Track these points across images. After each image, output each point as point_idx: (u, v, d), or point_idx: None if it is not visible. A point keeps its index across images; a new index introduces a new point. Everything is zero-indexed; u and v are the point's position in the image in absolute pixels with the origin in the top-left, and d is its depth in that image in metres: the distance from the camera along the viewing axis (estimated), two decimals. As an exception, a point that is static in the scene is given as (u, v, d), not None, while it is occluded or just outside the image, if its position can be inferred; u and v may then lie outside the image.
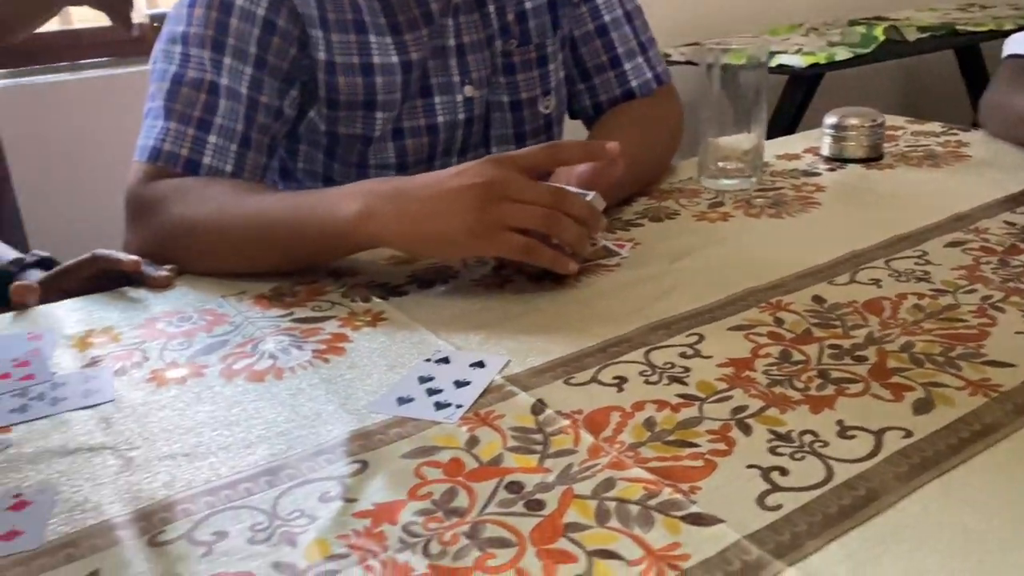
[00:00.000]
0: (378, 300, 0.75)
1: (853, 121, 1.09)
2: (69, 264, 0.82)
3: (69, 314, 0.75)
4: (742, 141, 1.00)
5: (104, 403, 0.60)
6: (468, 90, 0.98)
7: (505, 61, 0.99)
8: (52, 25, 1.94)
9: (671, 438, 0.53)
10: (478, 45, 0.98)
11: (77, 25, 1.88)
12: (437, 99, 0.96)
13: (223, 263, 0.81)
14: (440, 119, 0.97)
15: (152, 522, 0.48)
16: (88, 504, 0.49)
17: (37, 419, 0.59)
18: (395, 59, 0.92)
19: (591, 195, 0.75)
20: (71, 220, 1.58)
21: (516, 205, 0.70)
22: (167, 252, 0.82)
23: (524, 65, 1.01)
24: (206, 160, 0.85)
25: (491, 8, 0.98)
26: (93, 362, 0.66)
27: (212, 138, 0.85)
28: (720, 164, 1.01)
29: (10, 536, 0.47)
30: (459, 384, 0.60)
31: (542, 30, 1.01)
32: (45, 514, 0.49)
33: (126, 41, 1.62)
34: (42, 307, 0.77)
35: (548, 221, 0.71)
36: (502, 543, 0.45)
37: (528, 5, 1.00)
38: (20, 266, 0.89)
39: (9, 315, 0.76)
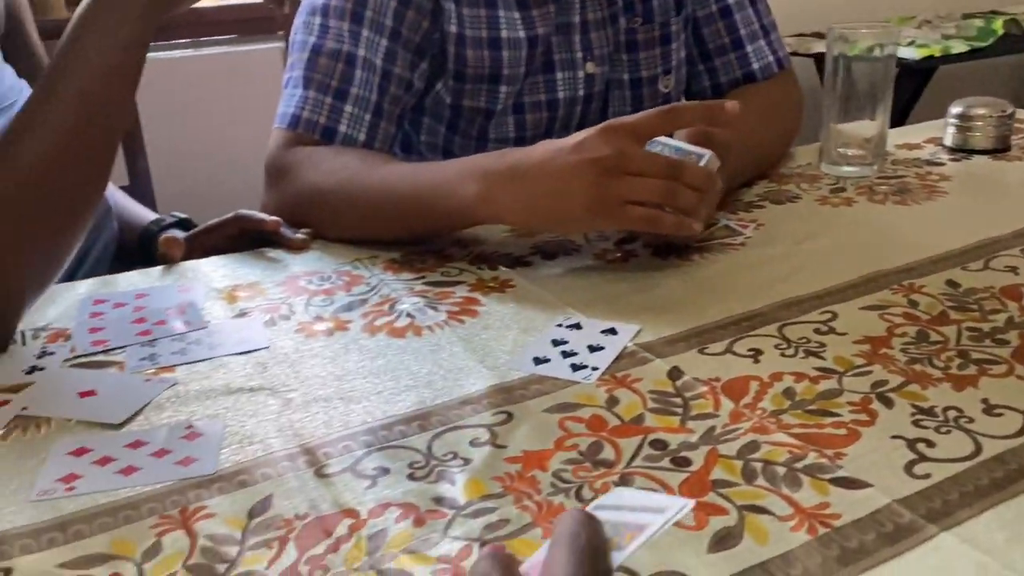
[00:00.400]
0: (504, 269, 0.77)
1: (980, 111, 1.06)
2: (213, 222, 0.87)
3: (215, 270, 0.79)
4: (865, 128, 0.99)
5: (258, 350, 0.64)
6: (590, 67, 0.99)
7: (628, 38, 1.00)
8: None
9: (812, 407, 0.53)
10: (602, 22, 0.99)
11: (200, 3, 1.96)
12: (559, 75, 0.98)
13: (350, 230, 0.84)
14: (561, 95, 0.99)
15: (316, 456, 0.51)
16: (255, 438, 0.53)
17: (197, 361, 0.63)
18: (522, 34, 0.94)
19: (706, 156, 0.75)
20: (195, 187, 1.66)
21: (633, 179, 0.70)
22: (299, 216, 0.86)
23: (647, 43, 1.01)
24: (342, 128, 0.89)
25: None
26: (242, 313, 0.70)
27: (348, 107, 0.89)
28: (841, 150, 1.00)
29: (187, 462, 0.51)
30: (593, 349, 0.62)
31: (665, 9, 1.02)
32: (216, 444, 0.52)
33: (246, 20, 1.70)
34: (189, 262, 0.81)
35: (665, 193, 0.70)
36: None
37: None
38: (160, 226, 0.94)
39: (159, 269, 0.81)
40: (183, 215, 0.96)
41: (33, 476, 0.50)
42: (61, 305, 0.73)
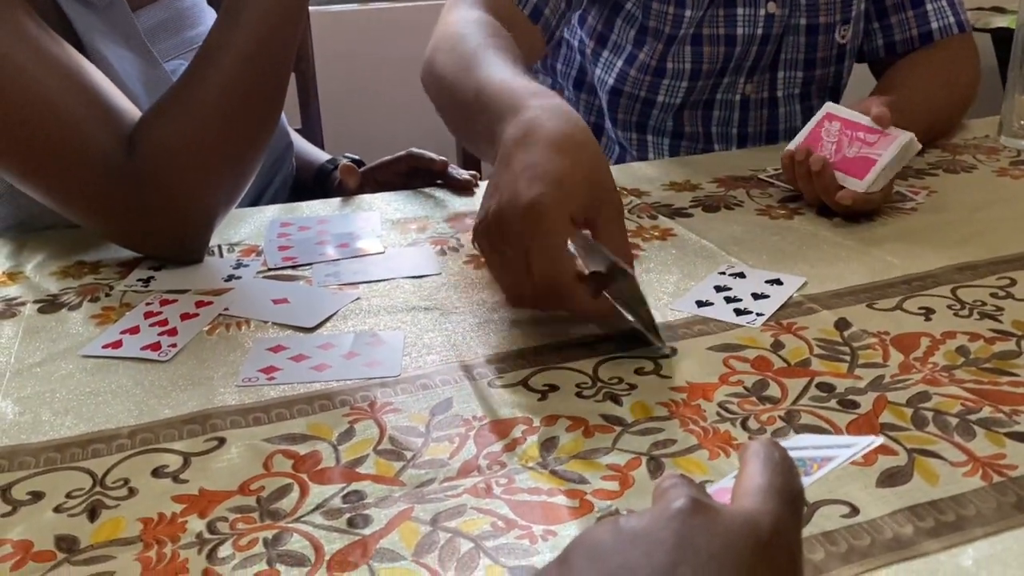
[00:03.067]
0: (664, 218, 0.78)
1: None
2: (386, 159, 0.92)
3: (388, 204, 0.84)
4: (1052, 101, 0.94)
5: (431, 275, 0.68)
6: (771, 6, 0.97)
7: None
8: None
9: (987, 366, 0.52)
10: None
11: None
12: (740, 10, 0.97)
13: (440, 98, 0.81)
14: (739, 31, 0.97)
15: (489, 369, 0.54)
16: (432, 349, 0.57)
17: (376, 281, 0.67)
18: None
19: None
20: (361, 132, 1.74)
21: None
22: (428, 65, 0.84)
23: None
24: None
25: None
26: (414, 243, 0.75)
27: None
28: (1024, 123, 0.95)
29: (373, 364, 0.55)
30: (756, 296, 0.62)
31: None
32: (399, 351, 0.56)
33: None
34: (365, 196, 0.86)
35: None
36: (818, 430, 0.47)
37: None
38: (335, 164, 1.00)
39: (337, 200, 0.86)
40: (356, 156, 1.02)
41: (237, 366, 0.56)
42: (252, 225, 0.79)
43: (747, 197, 0.83)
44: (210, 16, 0.91)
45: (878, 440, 0.33)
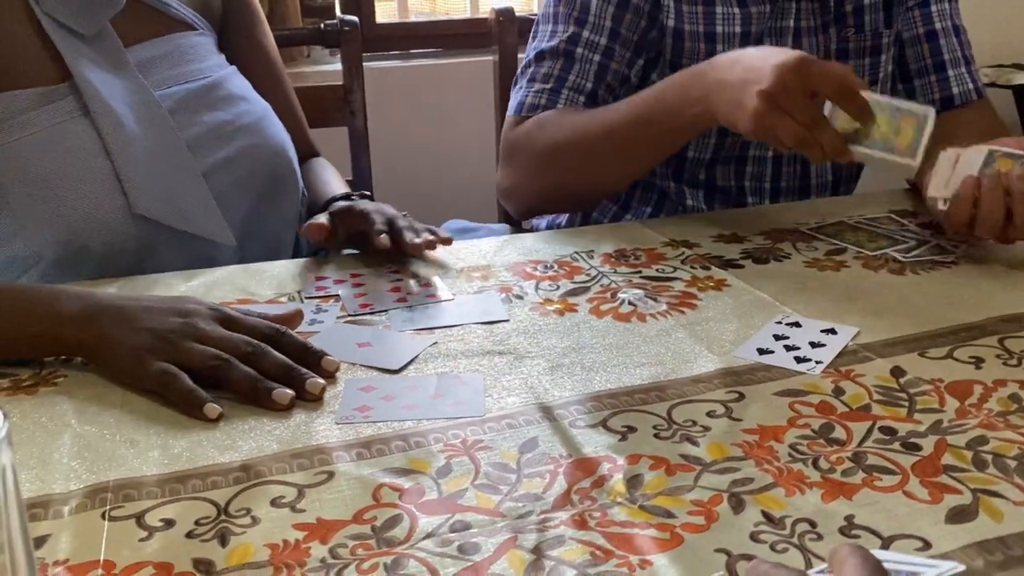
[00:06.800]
0: (717, 269, 0.82)
1: None
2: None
3: (451, 252, 0.88)
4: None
5: (500, 321, 0.72)
6: None
7: (839, 46, 1.03)
8: (391, 17, 2.20)
9: (1040, 412, 0.56)
10: (813, 30, 1.02)
11: (413, 18, 2.14)
12: None
13: (586, 173, 0.98)
14: None
15: (568, 411, 0.58)
16: (511, 391, 0.61)
17: (449, 327, 0.71)
18: (738, 30, 0.99)
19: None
20: (411, 184, 1.80)
21: (786, 118, 0.80)
22: (537, 180, 1.01)
23: (857, 52, 1.04)
24: (559, 108, 1.00)
25: None
26: (481, 290, 0.79)
27: (565, 92, 1.01)
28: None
29: (458, 404, 0.59)
30: (814, 345, 0.66)
31: (876, 24, 1.04)
32: (481, 392, 0.60)
33: (454, 35, 1.82)
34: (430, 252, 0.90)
35: (801, 140, 0.80)
36: (885, 471, 0.50)
37: (866, 1, 1.03)
38: (343, 196, 0.99)
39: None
40: (366, 192, 1.03)
41: (331, 404, 0.60)
42: (324, 271, 0.83)
43: (794, 249, 0.87)
44: (215, 58, 0.95)
45: (961, 567, 0.37)
